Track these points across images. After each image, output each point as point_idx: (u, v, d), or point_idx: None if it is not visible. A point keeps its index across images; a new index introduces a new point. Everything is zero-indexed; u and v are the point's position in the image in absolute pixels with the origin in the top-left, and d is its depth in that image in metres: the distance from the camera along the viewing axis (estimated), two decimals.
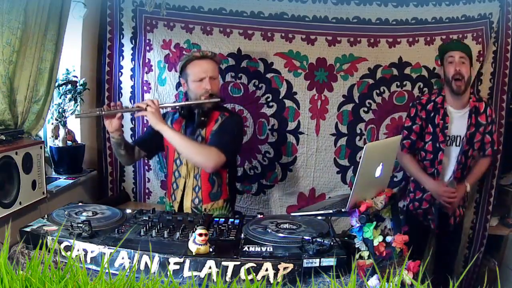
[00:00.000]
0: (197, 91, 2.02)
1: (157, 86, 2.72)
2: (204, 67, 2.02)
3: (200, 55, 2.04)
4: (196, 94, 2.02)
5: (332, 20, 2.61)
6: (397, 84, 2.67)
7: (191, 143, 1.93)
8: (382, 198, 1.59)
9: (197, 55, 2.04)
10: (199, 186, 2.04)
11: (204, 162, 1.92)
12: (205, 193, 2.05)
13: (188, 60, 2.04)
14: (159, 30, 2.67)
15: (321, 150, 2.73)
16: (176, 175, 2.08)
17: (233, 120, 2.08)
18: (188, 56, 2.05)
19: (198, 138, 2.03)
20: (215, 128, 2.03)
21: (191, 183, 2.05)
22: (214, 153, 1.90)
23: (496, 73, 2.64)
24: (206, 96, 2.01)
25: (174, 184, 2.10)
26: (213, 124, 2.04)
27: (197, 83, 2.02)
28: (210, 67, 2.03)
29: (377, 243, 1.45)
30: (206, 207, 2.04)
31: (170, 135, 1.92)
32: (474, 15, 2.59)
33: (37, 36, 1.91)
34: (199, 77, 2.01)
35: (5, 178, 1.73)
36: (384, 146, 1.72)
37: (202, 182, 2.04)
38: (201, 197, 2.04)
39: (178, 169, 2.07)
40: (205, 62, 2.03)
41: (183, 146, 1.92)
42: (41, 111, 2.06)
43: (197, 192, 2.05)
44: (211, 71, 2.03)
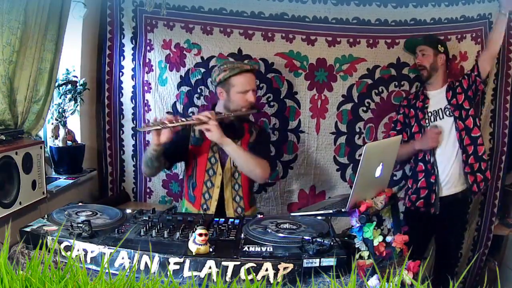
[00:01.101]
0: (240, 102, 2.04)
1: (157, 86, 2.72)
2: (249, 80, 2.05)
3: (250, 68, 2.07)
4: (238, 105, 2.04)
5: (332, 20, 2.62)
6: (395, 84, 2.68)
7: (250, 156, 1.98)
8: (382, 198, 1.60)
9: (247, 67, 2.05)
10: (240, 195, 2.10)
11: (262, 174, 2.00)
12: (246, 202, 2.11)
13: (235, 72, 2.03)
14: (159, 30, 2.67)
15: (321, 149, 2.74)
16: (208, 185, 2.08)
17: (266, 133, 2.29)
18: (235, 69, 2.03)
19: None
20: (253, 140, 2.11)
21: (230, 193, 2.08)
22: (267, 166, 2.02)
23: (499, 74, 2.65)
24: (248, 108, 2.04)
25: (206, 194, 2.09)
26: (248, 136, 2.11)
27: (241, 95, 2.03)
28: (253, 80, 2.08)
29: (377, 243, 1.45)
30: (248, 213, 2.09)
31: (233, 148, 1.96)
32: (473, 16, 2.59)
33: (37, 36, 1.90)
34: (245, 90, 2.03)
35: (5, 178, 1.73)
36: (384, 146, 1.73)
37: (243, 192, 2.10)
38: (243, 206, 2.10)
39: (210, 179, 2.08)
40: (249, 75, 2.06)
41: (243, 159, 1.97)
42: (41, 111, 2.05)
43: (239, 202, 2.09)
44: (254, 84, 2.08)
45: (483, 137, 2.63)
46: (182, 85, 2.69)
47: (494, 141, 2.70)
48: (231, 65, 2.07)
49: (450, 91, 2.47)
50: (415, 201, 2.50)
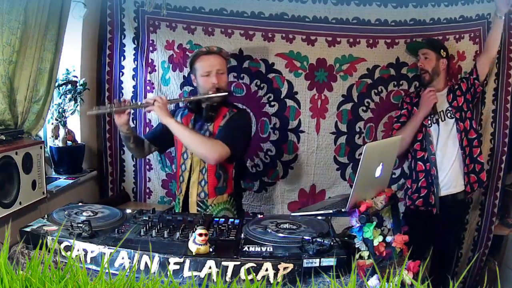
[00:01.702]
0: (204, 86, 2.07)
1: (160, 86, 2.73)
2: (210, 62, 2.07)
3: (206, 50, 2.09)
4: (204, 89, 2.07)
5: (332, 20, 2.62)
6: (394, 83, 2.68)
7: (196, 136, 1.97)
8: (382, 198, 1.60)
9: (203, 50, 2.10)
10: (205, 180, 2.07)
11: (207, 154, 1.94)
12: (211, 187, 2.07)
13: (195, 56, 2.10)
14: (162, 30, 2.67)
15: (321, 148, 2.74)
16: (182, 168, 2.13)
17: (240, 116, 2.12)
18: (195, 53, 2.10)
19: (206, 132, 2.07)
20: (223, 123, 2.07)
21: (196, 176, 2.08)
22: (218, 146, 1.94)
23: (500, 74, 2.64)
24: (213, 91, 2.04)
25: (180, 177, 2.15)
26: (221, 119, 2.08)
27: (204, 78, 2.06)
28: (216, 62, 2.08)
29: (377, 243, 1.45)
30: (212, 201, 2.07)
31: (176, 127, 1.96)
32: (472, 16, 2.59)
33: (37, 36, 1.91)
34: (206, 71, 2.06)
35: (5, 178, 1.73)
36: (384, 146, 1.73)
37: (208, 176, 2.06)
38: (207, 191, 2.07)
39: (184, 162, 2.11)
40: (212, 57, 2.08)
41: (188, 138, 1.96)
42: (41, 111, 2.06)
43: (203, 186, 2.08)
44: (218, 65, 2.07)
45: (484, 137, 2.64)
46: (185, 85, 2.70)
47: (494, 141, 2.70)
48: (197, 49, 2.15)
49: (450, 93, 2.49)
50: (415, 200, 2.51)
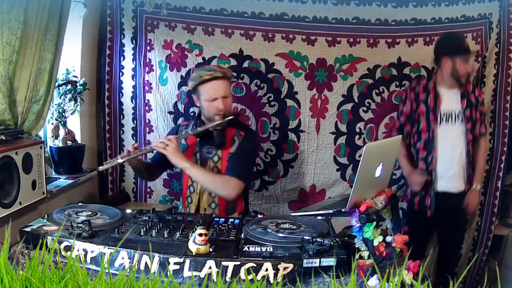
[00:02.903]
0: (210, 110, 2.03)
1: (158, 86, 2.73)
2: (216, 87, 2.00)
3: (211, 77, 1.99)
4: (209, 112, 2.03)
5: (332, 20, 2.62)
6: (396, 84, 2.68)
7: (213, 179, 1.99)
8: (382, 198, 1.59)
9: (207, 77, 1.99)
10: (216, 203, 2.09)
11: (226, 194, 1.99)
12: (222, 209, 2.09)
13: (199, 82, 2.01)
14: (160, 30, 2.67)
15: (321, 148, 2.75)
16: (191, 189, 2.12)
17: (249, 141, 2.10)
18: (199, 79, 2.01)
19: (215, 157, 2.06)
20: (233, 151, 2.05)
21: (206, 199, 2.09)
22: (234, 184, 1.97)
23: (499, 74, 2.64)
24: (220, 116, 2.01)
25: (188, 198, 2.14)
26: (229, 145, 2.06)
27: (209, 103, 2.01)
28: (221, 87, 2.01)
29: (377, 243, 1.45)
30: None
31: (194, 172, 1.96)
32: (474, 15, 2.59)
33: (37, 36, 1.90)
34: (212, 98, 2.00)
35: (5, 178, 1.73)
36: (384, 146, 1.72)
37: (218, 199, 2.08)
38: (217, 213, 2.08)
39: (193, 184, 2.10)
40: (217, 82, 2.00)
41: (206, 182, 1.98)
42: (41, 111, 2.05)
43: (214, 209, 2.09)
44: (223, 91, 2.01)
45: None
46: (182, 85, 2.69)
47: (494, 141, 2.70)
48: (197, 73, 2.04)
49: (464, 98, 2.37)
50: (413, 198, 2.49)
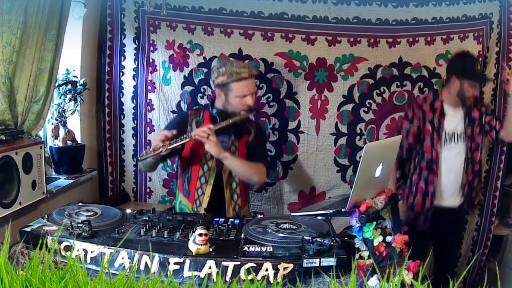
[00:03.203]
0: (238, 106, 2.05)
1: (162, 85, 2.73)
2: (248, 85, 2.05)
3: (248, 75, 2.04)
4: (237, 108, 2.05)
5: (332, 20, 2.61)
6: (397, 84, 2.67)
7: (249, 167, 2.05)
8: (382, 198, 1.59)
9: (246, 76, 2.02)
10: (238, 194, 2.14)
11: (259, 180, 2.11)
12: (243, 200, 2.16)
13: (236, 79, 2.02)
14: (162, 30, 2.67)
15: (321, 149, 2.74)
16: (202, 181, 2.11)
17: (263, 132, 2.28)
18: (236, 75, 2.01)
19: (232, 147, 2.09)
20: (252, 140, 2.14)
21: (229, 193, 2.12)
22: (264, 170, 2.10)
23: (499, 74, 2.64)
24: (246, 110, 2.06)
25: (199, 190, 2.11)
26: (246, 135, 2.14)
27: (239, 99, 2.04)
28: (252, 85, 2.08)
29: (377, 243, 1.45)
30: (243, 211, 2.15)
31: (233, 162, 2.00)
32: (475, 15, 2.58)
33: (37, 36, 1.90)
34: (244, 94, 2.04)
35: (5, 178, 1.73)
36: (384, 146, 1.72)
37: (240, 190, 2.14)
38: (240, 204, 2.14)
39: (204, 175, 2.10)
40: (250, 81, 2.05)
41: (243, 170, 2.04)
42: (41, 111, 2.05)
43: (236, 201, 2.14)
44: (252, 88, 2.08)
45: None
46: (185, 85, 2.70)
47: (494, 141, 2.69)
48: (230, 69, 2.04)
49: (467, 117, 2.37)
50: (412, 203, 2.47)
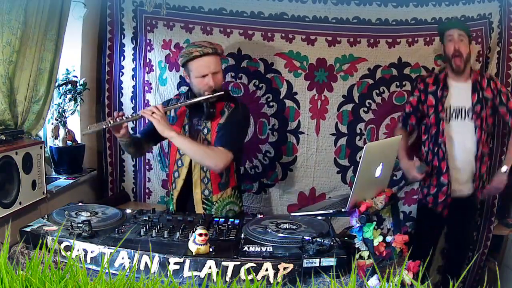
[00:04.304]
0: (200, 87, 2.01)
1: (158, 86, 2.72)
2: (206, 63, 1.98)
3: (201, 53, 1.98)
4: (200, 89, 2.02)
5: (332, 20, 2.61)
6: (396, 84, 2.67)
7: (199, 148, 1.94)
8: (382, 198, 1.59)
9: (197, 54, 1.98)
10: (208, 177, 2.05)
11: (213, 165, 1.94)
12: (215, 184, 2.05)
13: (189, 58, 2.00)
14: (159, 30, 2.67)
15: (321, 150, 2.73)
16: (178, 164, 2.09)
17: (238, 113, 2.06)
18: (188, 55, 2.00)
19: (204, 130, 2.03)
20: (222, 122, 2.03)
21: (198, 175, 2.05)
22: (222, 155, 1.92)
23: (499, 74, 2.64)
24: (210, 92, 2.00)
25: (175, 173, 2.10)
26: (219, 117, 2.04)
27: (199, 79, 2.00)
28: (212, 63, 1.99)
29: (377, 243, 1.45)
30: (217, 197, 2.06)
31: (180, 141, 1.92)
32: (474, 15, 2.58)
33: (37, 36, 1.91)
34: (202, 74, 1.99)
35: (5, 178, 1.73)
36: (384, 146, 1.72)
37: (211, 174, 2.04)
38: (210, 188, 2.05)
39: (181, 158, 2.08)
40: (207, 58, 1.98)
41: (192, 151, 1.94)
42: (41, 111, 2.05)
43: (206, 184, 2.06)
44: (213, 67, 1.99)
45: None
46: (182, 85, 2.69)
47: (494, 141, 2.69)
48: (186, 50, 2.02)
49: (475, 93, 2.31)
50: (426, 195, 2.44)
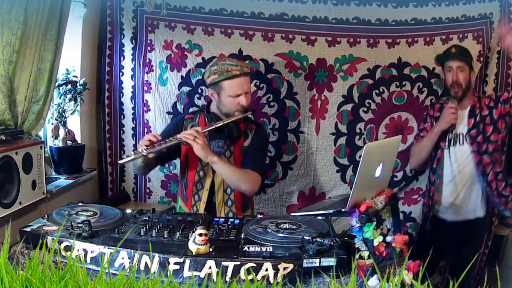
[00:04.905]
0: (231, 106, 1.97)
1: (158, 86, 2.72)
2: (241, 83, 1.95)
3: (240, 73, 1.94)
4: (230, 109, 1.98)
5: (332, 20, 2.62)
6: (396, 84, 2.67)
7: (238, 173, 1.94)
8: (382, 198, 1.60)
9: (237, 73, 1.93)
10: (232, 199, 2.05)
11: (250, 189, 1.97)
12: (238, 206, 2.06)
13: (227, 77, 1.94)
14: (161, 30, 2.67)
15: (321, 149, 2.74)
16: (198, 186, 2.06)
17: (262, 136, 2.11)
18: (227, 73, 1.93)
19: (227, 152, 2.02)
20: (247, 145, 2.03)
21: (221, 197, 2.05)
22: (255, 179, 1.95)
23: (499, 74, 2.64)
24: (241, 111, 1.97)
25: (196, 196, 2.07)
26: (242, 140, 2.03)
27: (232, 99, 1.95)
28: (246, 83, 1.97)
29: (377, 243, 1.45)
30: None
31: (221, 167, 1.91)
32: (474, 15, 2.59)
33: (37, 36, 1.90)
34: (236, 94, 1.95)
35: (5, 178, 1.73)
36: (384, 146, 1.72)
37: (235, 196, 2.05)
38: (234, 210, 2.06)
39: (200, 180, 2.05)
40: (243, 78, 1.96)
41: (232, 176, 1.94)
42: (41, 111, 2.05)
43: (230, 206, 2.05)
44: (246, 87, 1.97)
45: None
46: (183, 85, 2.69)
47: None
48: (221, 67, 1.95)
49: (472, 117, 2.29)
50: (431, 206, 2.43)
